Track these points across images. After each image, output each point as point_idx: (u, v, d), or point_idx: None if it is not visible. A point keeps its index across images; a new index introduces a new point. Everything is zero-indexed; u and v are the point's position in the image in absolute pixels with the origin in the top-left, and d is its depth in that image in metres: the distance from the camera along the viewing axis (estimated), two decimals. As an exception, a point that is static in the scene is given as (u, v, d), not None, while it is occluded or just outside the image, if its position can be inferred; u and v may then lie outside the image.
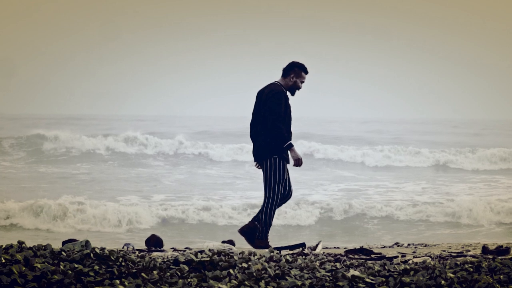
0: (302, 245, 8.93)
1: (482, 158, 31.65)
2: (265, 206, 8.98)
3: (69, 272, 4.90)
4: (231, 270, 5.31)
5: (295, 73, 9.07)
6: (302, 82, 9.11)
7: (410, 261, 7.24)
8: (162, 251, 8.74)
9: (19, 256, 5.15)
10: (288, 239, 13.27)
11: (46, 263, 5.11)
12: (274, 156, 8.91)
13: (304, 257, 6.86)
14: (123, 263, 5.44)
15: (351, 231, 15.41)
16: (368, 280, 5.15)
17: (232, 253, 6.21)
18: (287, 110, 8.99)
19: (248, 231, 9.07)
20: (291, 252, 8.18)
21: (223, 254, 5.97)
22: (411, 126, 65.57)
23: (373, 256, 8.11)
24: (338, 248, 9.52)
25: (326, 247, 9.55)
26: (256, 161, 9.08)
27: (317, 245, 8.76)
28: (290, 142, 8.88)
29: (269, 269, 5.34)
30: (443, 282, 5.14)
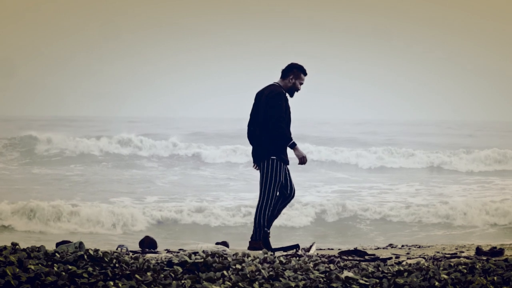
0: (296, 247, 8.92)
1: (476, 160, 31.70)
2: (259, 208, 8.95)
3: (63, 274, 4.89)
4: (225, 272, 5.30)
5: (294, 75, 9.02)
6: (301, 84, 9.07)
7: (404, 263, 7.24)
8: (156, 253, 8.73)
9: (13, 258, 5.14)
10: (282, 241, 13.26)
11: (40, 265, 5.11)
12: (272, 158, 8.87)
13: (298, 259, 6.85)
14: (117, 265, 5.43)
15: (345, 233, 15.44)
16: (362, 282, 5.15)
17: (226, 255, 6.21)
18: (287, 112, 8.96)
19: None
20: (285, 254, 8.18)
21: (217, 256, 5.97)
22: (406, 128, 65.63)
23: (367, 258, 8.11)
24: (332, 250, 9.52)
25: (320, 249, 9.55)
26: (255, 163, 9.04)
27: (311, 247, 8.76)
28: (294, 141, 8.84)
29: (263, 271, 5.34)
30: (437, 284, 5.15)
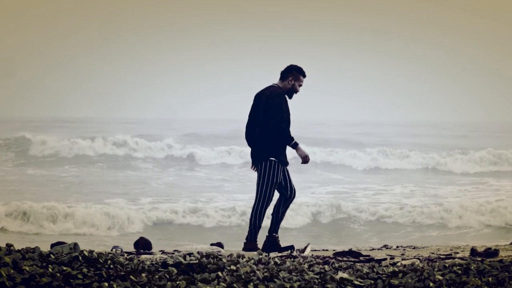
0: (291, 248, 8.92)
1: (471, 161, 31.74)
2: (255, 208, 8.93)
3: (58, 275, 4.89)
4: (220, 273, 5.30)
5: (293, 76, 9.00)
6: (300, 86, 9.05)
7: (399, 264, 7.24)
8: (151, 254, 8.72)
9: (8, 259, 5.14)
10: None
11: (35, 266, 5.11)
12: (271, 159, 8.86)
13: (293, 260, 6.86)
14: (112, 266, 5.43)
15: (339, 234, 15.44)
16: (357, 283, 5.16)
17: (221, 256, 6.21)
18: (287, 113, 8.95)
19: (269, 246, 8.96)
20: (280, 255, 8.18)
21: (212, 257, 5.97)
22: (402, 129, 65.65)
23: (362, 259, 8.11)
24: (327, 251, 9.52)
25: (315, 250, 9.55)
26: (254, 164, 9.02)
27: (306, 248, 8.76)
28: (295, 141, 8.83)
29: (258, 272, 5.34)
30: (432, 284, 5.15)
